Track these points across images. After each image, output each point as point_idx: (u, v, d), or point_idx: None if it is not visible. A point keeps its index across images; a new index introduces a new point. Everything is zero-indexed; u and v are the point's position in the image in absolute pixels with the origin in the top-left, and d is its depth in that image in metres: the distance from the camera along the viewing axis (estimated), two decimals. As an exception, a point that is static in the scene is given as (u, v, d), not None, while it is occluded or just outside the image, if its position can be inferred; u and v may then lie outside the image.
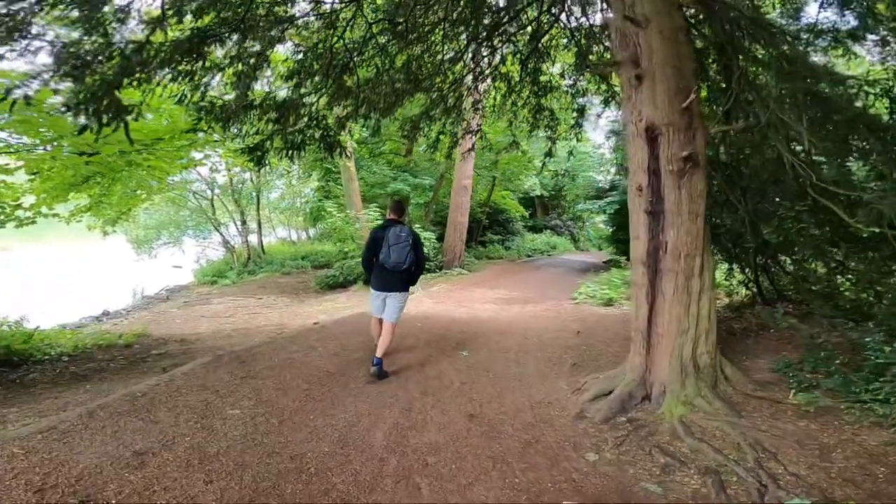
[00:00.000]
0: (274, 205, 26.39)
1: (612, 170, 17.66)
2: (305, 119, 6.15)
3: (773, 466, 2.71)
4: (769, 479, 2.60)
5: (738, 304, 7.13)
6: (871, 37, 4.80)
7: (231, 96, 5.76)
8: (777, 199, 4.96)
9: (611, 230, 16.62)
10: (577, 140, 7.66)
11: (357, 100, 6.69)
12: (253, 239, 21.97)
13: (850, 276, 5.17)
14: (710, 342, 3.58)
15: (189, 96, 4.82)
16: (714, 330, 3.59)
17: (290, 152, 5.88)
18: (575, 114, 7.44)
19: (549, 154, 7.80)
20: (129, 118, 3.36)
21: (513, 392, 4.08)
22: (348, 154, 7.20)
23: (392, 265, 4.29)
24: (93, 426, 3.19)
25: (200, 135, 6.02)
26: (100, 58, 3.38)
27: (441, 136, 7.92)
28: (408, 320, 6.66)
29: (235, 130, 5.77)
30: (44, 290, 15.47)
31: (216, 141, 6.85)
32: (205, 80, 4.94)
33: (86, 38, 3.39)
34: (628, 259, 10.77)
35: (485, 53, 7.29)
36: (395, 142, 17.60)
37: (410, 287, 4.63)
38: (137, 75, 3.66)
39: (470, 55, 7.18)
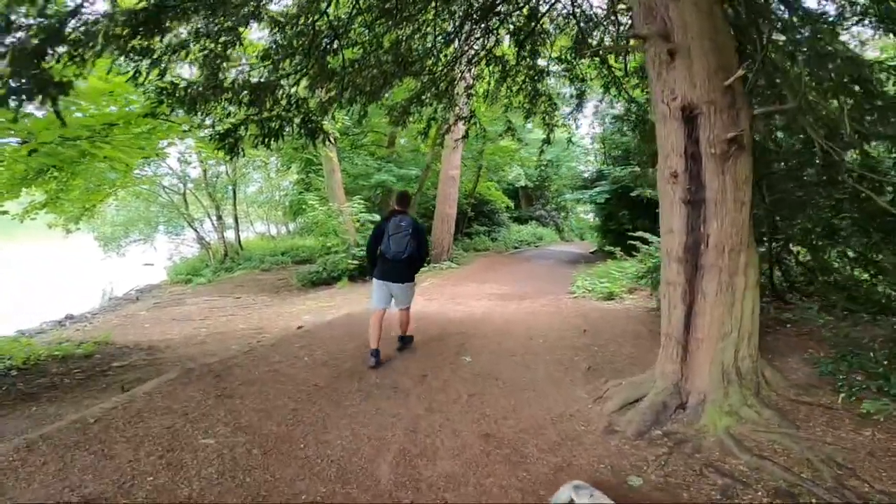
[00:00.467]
0: (252, 199, 25.45)
1: (599, 159, 17.35)
2: (284, 103, 5.58)
3: (857, 485, 2.33)
4: (858, 499, 2.22)
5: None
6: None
7: (197, 76, 5.14)
8: (800, 187, 4.64)
9: (599, 220, 16.36)
10: (576, 127, 7.23)
11: (341, 83, 6.13)
12: (230, 235, 21.09)
13: (871, 268, 4.90)
14: (753, 345, 3.19)
15: (144, 75, 4.18)
16: (757, 332, 3.21)
17: (267, 139, 5.30)
18: (574, 99, 7.02)
19: (546, 141, 7.36)
20: (62, 96, 2.75)
21: (528, 404, 3.63)
22: (332, 141, 6.64)
23: (392, 255, 4.37)
24: (32, 463, 2.63)
25: (164, 122, 5.35)
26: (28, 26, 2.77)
27: (432, 122, 7.40)
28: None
29: (204, 117, 5.13)
30: (8, 292, 14.39)
31: (185, 130, 6.17)
32: (165, 57, 4.31)
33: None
34: (623, 251, 10.50)
35: (479, 35, 6.78)
36: (378, 133, 16.96)
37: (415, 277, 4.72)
38: (74, 49, 3.05)
39: (464, 36, 6.66)
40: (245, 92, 5.16)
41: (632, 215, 13.77)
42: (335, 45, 5.76)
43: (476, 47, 6.81)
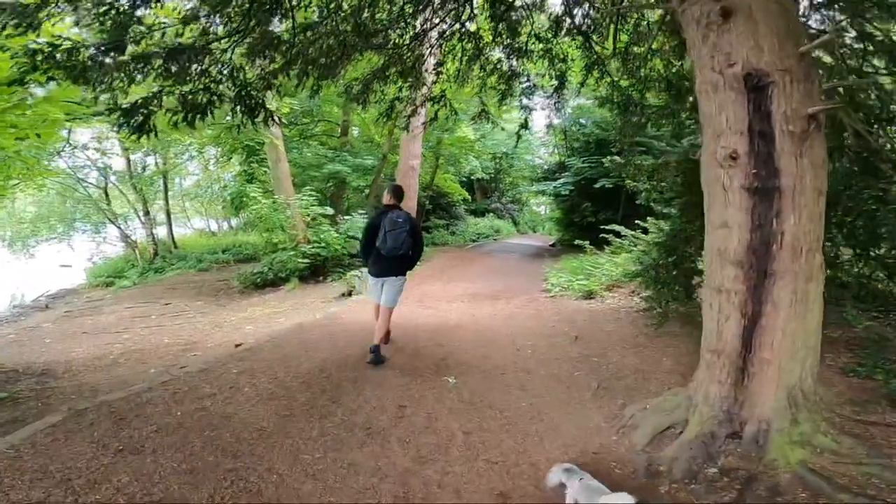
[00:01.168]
0: (188, 192, 23.24)
1: (560, 151, 17.04)
2: (214, 72, 4.56)
3: None
4: None
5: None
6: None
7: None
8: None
9: (561, 213, 16.03)
10: (557, 110, 6.58)
11: (289, 53, 5.14)
12: (162, 231, 19.06)
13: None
14: (815, 361, 2.62)
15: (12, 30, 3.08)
16: (819, 346, 2.64)
17: (190, 116, 4.25)
18: (554, 81, 6.34)
19: (524, 126, 6.66)
20: None
21: (540, 441, 2.89)
22: (276, 121, 5.56)
23: (388, 251, 4.23)
24: None
25: (40, 93, 4.14)
26: None
27: (396, 103, 6.49)
28: (365, 335, 5.28)
29: (100, 90, 3.98)
30: None
31: (76, 104, 4.87)
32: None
33: None
34: (593, 244, 10.09)
35: (452, 5, 5.96)
36: (330, 122, 15.72)
37: (408, 272, 4.54)
38: None
39: (436, 4, 5.81)
40: (161, 61, 4.11)
41: (595, 207, 13.52)
42: (285, 6, 4.76)
43: (448, 20, 5.99)
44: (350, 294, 7.71)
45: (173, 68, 4.23)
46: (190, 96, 4.36)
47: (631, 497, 1.92)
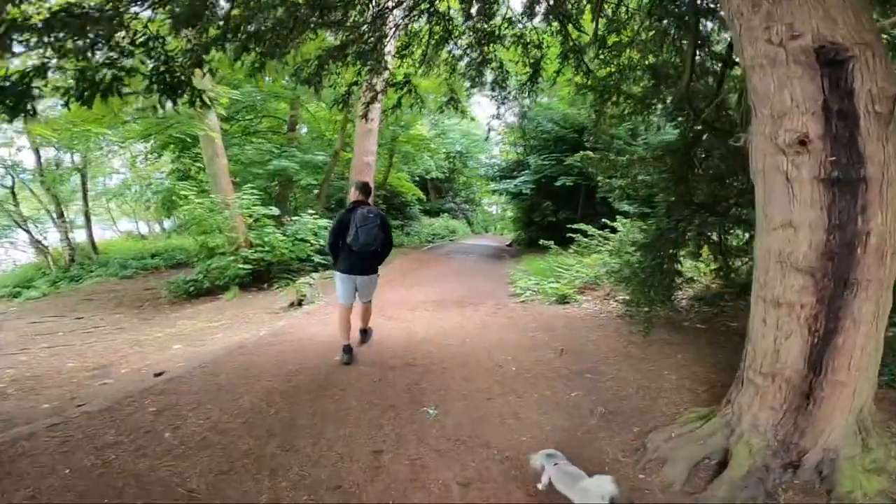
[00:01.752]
0: (113, 192, 20.93)
1: (519, 150, 16.79)
2: (126, 43, 3.73)
3: None
4: None
5: (706, 294, 6.32)
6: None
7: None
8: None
9: (520, 212, 15.75)
10: (531, 95, 6.09)
11: (225, 26, 4.35)
12: (81, 235, 17.00)
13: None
14: (874, 378, 2.22)
15: None
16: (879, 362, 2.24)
17: (87, 92, 3.40)
18: (528, 69, 5.85)
19: (497, 117, 6.13)
20: None
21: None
22: (208, 103, 4.67)
23: (360, 247, 4.18)
24: None
25: None
26: None
27: (353, 88, 5.75)
28: (322, 354, 4.53)
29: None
30: None
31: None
32: None
33: None
34: (558, 244, 9.75)
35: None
36: (276, 118, 14.58)
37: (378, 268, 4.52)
38: None
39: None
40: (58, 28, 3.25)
41: (555, 206, 13.33)
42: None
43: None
44: (300, 304, 6.83)
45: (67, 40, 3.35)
46: (89, 72, 3.49)
47: (612, 479, 1.84)
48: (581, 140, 13.27)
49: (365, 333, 4.80)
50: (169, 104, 4.07)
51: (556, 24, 5.66)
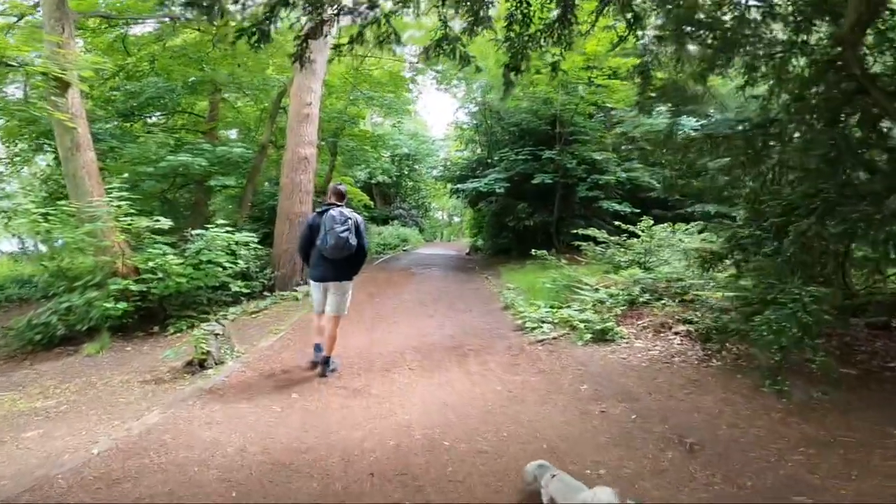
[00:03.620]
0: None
1: (482, 146, 14.83)
2: None
3: None
4: None
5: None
6: None
7: None
8: None
9: (486, 216, 13.75)
10: (561, 43, 3.99)
11: None
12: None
13: None
14: None
15: None
16: None
17: None
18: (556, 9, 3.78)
19: (516, 70, 3.98)
20: None
21: None
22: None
23: (330, 252, 3.87)
24: None
25: None
26: None
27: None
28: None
29: None
30: None
31: None
32: None
33: None
34: (543, 249, 7.76)
35: None
36: (193, 115, 11.75)
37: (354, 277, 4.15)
38: None
39: None
40: None
41: (531, 208, 11.47)
42: None
43: None
44: (202, 365, 4.27)
45: None
46: None
47: (612, 490, 1.80)
48: (554, 133, 11.62)
49: (326, 364, 4.01)
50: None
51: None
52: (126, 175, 6.96)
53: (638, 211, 10.36)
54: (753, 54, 3.64)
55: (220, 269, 5.96)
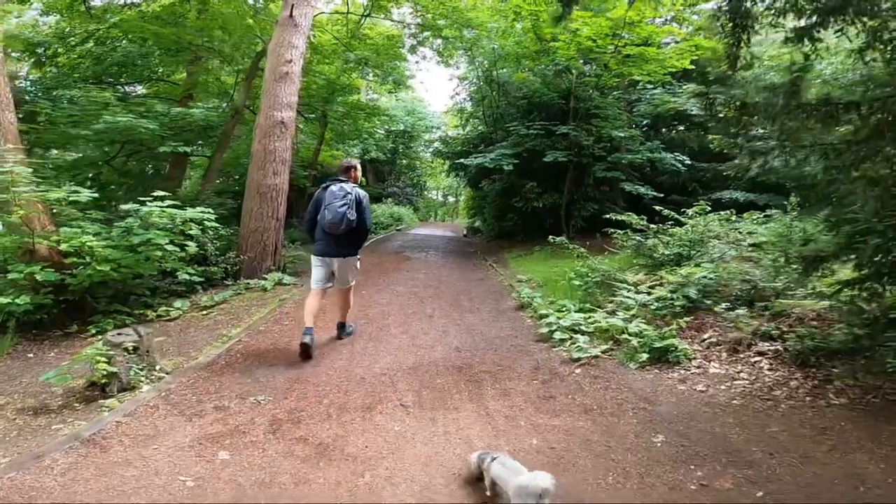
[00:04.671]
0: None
1: (484, 119, 13.45)
2: None
3: None
4: None
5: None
6: None
7: None
8: None
9: (489, 196, 12.48)
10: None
11: None
12: None
13: None
14: None
15: None
16: None
17: None
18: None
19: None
20: None
21: None
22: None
23: (328, 226, 3.82)
24: None
25: None
26: None
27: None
28: None
29: None
30: None
31: None
32: None
33: None
34: (543, 238, 6.41)
35: None
36: (170, 83, 10.40)
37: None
38: None
39: None
40: None
41: (540, 188, 10.26)
42: None
43: None
44: (104, 390, 3.04)
45: None
46: None
47: (549, 475, 1.81)
48: (568, 107, 10.33)
49: (343, 328, 4.21)
50: None
51: None
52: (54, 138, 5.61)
53: (661, 195, 9.26)
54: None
55: (160, 252, 4.66)
